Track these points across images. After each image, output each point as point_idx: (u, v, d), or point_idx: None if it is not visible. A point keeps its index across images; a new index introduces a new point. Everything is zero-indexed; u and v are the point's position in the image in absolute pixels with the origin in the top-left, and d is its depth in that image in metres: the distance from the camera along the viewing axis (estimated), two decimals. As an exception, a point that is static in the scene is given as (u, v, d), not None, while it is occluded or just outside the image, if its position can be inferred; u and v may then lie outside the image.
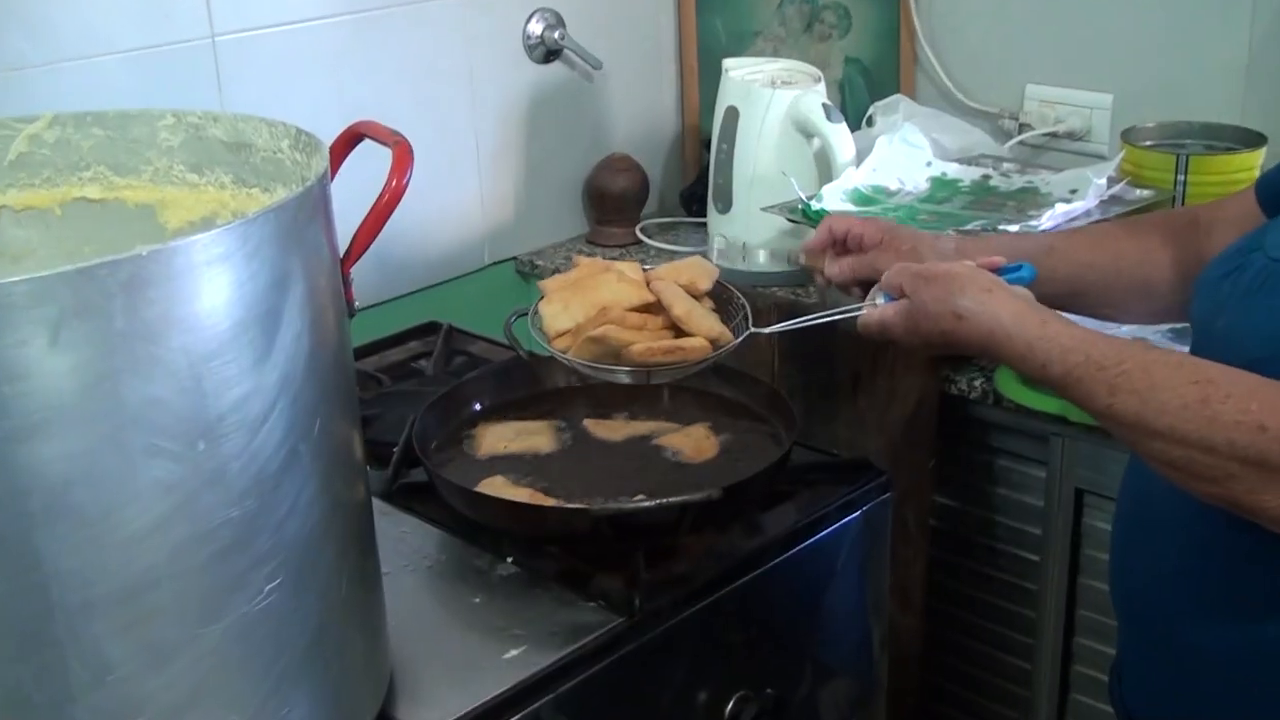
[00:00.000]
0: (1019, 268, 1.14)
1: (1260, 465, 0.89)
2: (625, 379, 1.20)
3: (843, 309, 1.18)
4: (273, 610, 0.87)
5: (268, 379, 0.84)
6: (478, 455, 1.33)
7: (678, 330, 1.21)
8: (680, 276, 1.26)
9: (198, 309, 0.80)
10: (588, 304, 1.22)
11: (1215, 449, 0.90)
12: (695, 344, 1.20)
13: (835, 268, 1.28)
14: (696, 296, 1.25)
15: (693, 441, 1.35)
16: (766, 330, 1.23)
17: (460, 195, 2.03)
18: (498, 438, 1.36)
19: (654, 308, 1.22)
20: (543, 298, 1.26)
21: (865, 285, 1.26)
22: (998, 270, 1.13)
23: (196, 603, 0.84)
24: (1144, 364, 0.95)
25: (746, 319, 1.25)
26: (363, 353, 1.73)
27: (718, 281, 1.30)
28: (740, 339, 1.23)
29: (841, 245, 1.29)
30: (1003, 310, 1.03)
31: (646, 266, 1.29)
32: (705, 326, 1.21)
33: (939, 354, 1.11)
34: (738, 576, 1.23)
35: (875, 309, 1.14)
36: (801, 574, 1.31)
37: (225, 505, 0.83)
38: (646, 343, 1.18)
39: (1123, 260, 1.23)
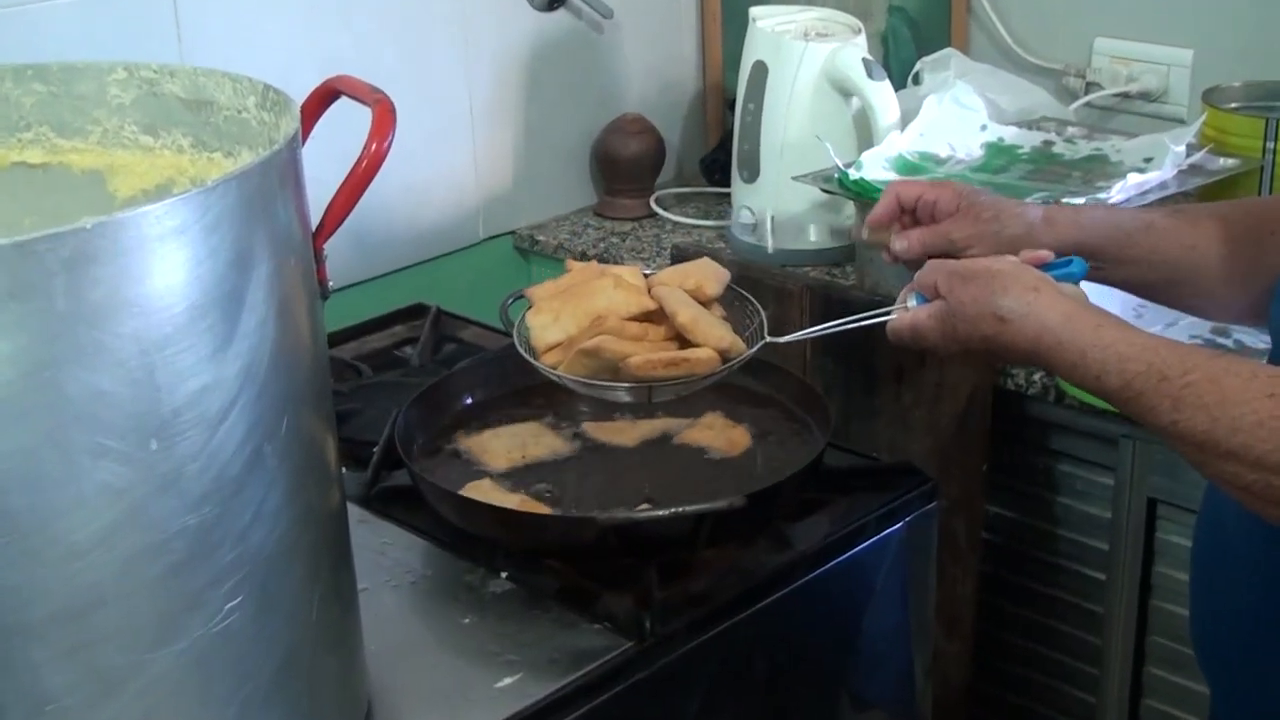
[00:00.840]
0: (1069, 263, 1.13)
1: None
2: (625, 397, 1.19)
3: (870, 314, 1.17)
4: (234, 633, 0.87)
5: (229, 370, 0.84)
6: (486, 469, 1.32)
7: (683, 341, 1.19)
8: (686, 281, 1.24)
9: (150, 290, 0.79)
10: (581, 313, 1.21)
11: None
12: (702, 355, 1.17)
13: (903, 242, 1.24)
14: (705, 303, 1.23)
15: (715, 434, 1.35)
16: (784, 339, 1.21)
17: (451, 161, 2.03)
18: (501, 451, 1.34)
19: (656, 316, 1.21)
20: (530, 308, 1.24)
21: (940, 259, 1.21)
22: (1045, 266, 1.11)
23: (148, 624, 0.84)
24: (1213, 375, 0.93)
25: (761, 327, 1.24)
26: (339, 339, 1.73)
27: (729, 286, 1.27)
28: (754, 349, 1.21)
29: (911, 215, 1.25)
30: (1050, 312, 1.01)
31: (647, 272, 1.27)
32: (714, 336, 1.19)
33: (980, 363, 1.08)
34: (763, 596, 1.23)
35: (907, 312, 1.12)
36: (835, 594, 1.31)
37: (180, 513, 0.83)
38: (646, 355, 1.16)
39: (1225, 246, 1.20)
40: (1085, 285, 1.14)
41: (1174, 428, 0.94)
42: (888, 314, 1.15)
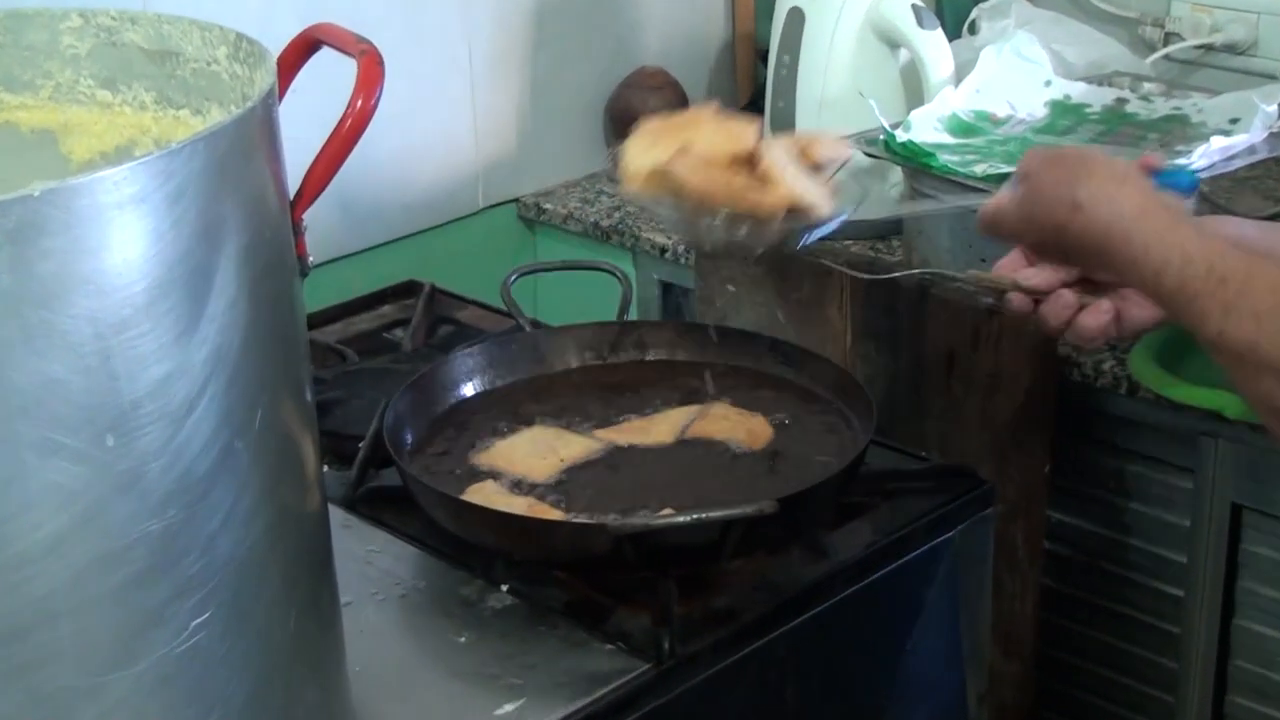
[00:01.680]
0: (1178, 173, 1.17)
1: None
2: (668, 211, 1.24)
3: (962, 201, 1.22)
4: (201, 652, 0.87)
5: (195, 356, 0.84)
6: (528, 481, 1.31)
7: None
8: (798, 142, 1.29)
9: (106, 265, 0.79)
10: (674, 143, 1.25)
11: None
12: (769, 197, 1.21)
13: (1034, 277, 1.22)
14: (811, 167, 1.26)
15: (731, 424, 1.35)
16: (870, 217, 1.29)
17: (447, 120, 2.03)
18: (535, 459, 1.33)
19: (748, 163, 1.24)
20: (632, 135, 1.29)
21: (1078, 287, 1.21)
22: (1155, 173, 1.15)
23: (103, 643, 0.84)
24: (1275, 284, 0.97)
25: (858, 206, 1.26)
26: (321, 320, 1.74)
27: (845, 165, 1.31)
28: (836, 220, 1.23)
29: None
30: (1127, 203, 1.05)
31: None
32: (794, 185, 1.21)
33: (1055, 259, 1.14)
34: (796, 613, 1.23)
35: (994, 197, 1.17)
36: (878, 610, 1.31)
37: (141, 518, 0.83)
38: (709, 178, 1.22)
39: None
40: None
41: (1220, 339, 0.98)
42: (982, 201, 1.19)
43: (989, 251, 1.65)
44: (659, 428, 1.38)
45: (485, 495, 1.27)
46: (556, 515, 1.24)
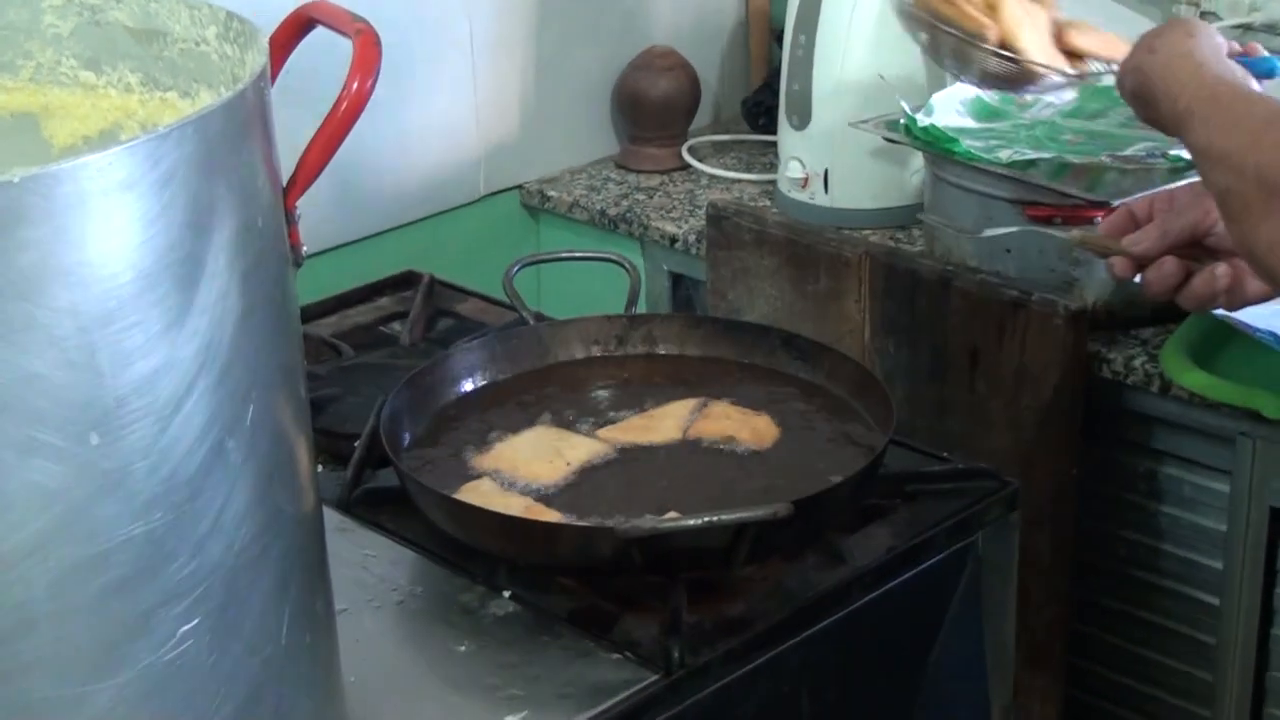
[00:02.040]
0: (1263, 60, 1.32)
1: (1270, 189, 1.07)
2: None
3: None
4: (188, 662, 0.87)
5: (184, 350, 0.84)
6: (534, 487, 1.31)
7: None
8: (1060, 22, 1.55)
9: (91, 255, 0.79)
10: None
11: (1244, 171, 1.09)
12: (980, 21, 1.52)
13: (1142, 242, 1.29)
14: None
15: (734, 424, 1.35)
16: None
17: (447, 103, 2.03)
18: (540, 463, 1.33)
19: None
20: None
21: (1185, 253, 1.28)
22: (1245, 61, 1.27)
23: (85, 651, 0.83)
24: (1253, 98, 1.14)
25: None
26: (315, 313, 1.74)
27: None
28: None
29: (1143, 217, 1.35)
30: (1184, 46, 1.21)
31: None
32: (1007, 19, 1.51)
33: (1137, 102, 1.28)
34: (812, 621, 1.23)
35: None
36: (898, 619, 1.31)
37: (126, 520, 0.83)
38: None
39: None
40: None
41: (1208, 143, 1.14)
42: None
43: (1013, 241, 1.66)
44: (664, 425, 1.38)
45: (482, 495, 1.27)
46: (557, 518, 1.24)
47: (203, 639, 0.87)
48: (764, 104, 2.20)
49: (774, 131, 2.04)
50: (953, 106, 1.77)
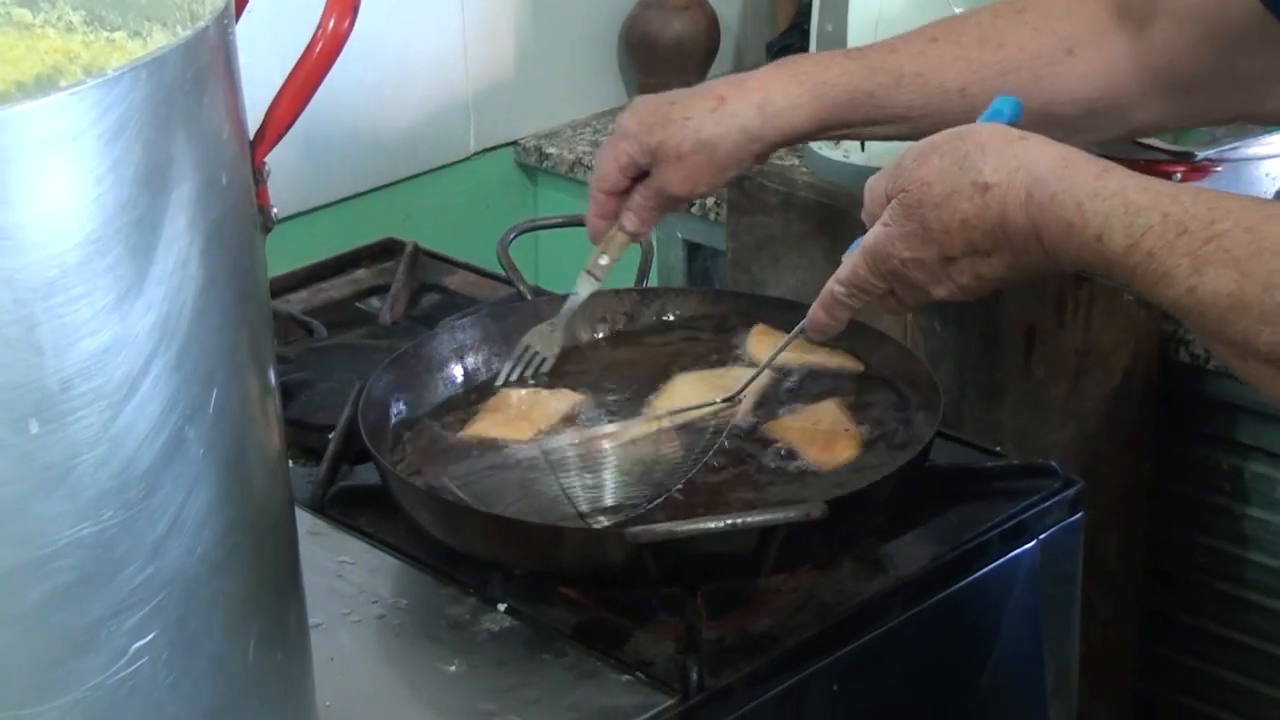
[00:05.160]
0: (996, 110, 1.19)
1: None
2: None
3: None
4: (142, 682, 0.87)
5: (138, 326, 0.84)
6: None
7: None
8: None
9: (28, 217, 0.79)
10: None
11: None
12: None
13: (630, 220, 1.43)
14: None
15: (812, 434, 1.34)
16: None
17: (433, 46, 2.03)
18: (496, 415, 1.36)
19: None
20: None
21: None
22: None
23: (21, 670, 0.83)
24: (1249, 223, 0.96)
25: None
26: (283, 287, 1.74)
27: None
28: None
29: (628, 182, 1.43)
30: (1042, 160, 1.04)
31: None
32: None
33: (954, 276, 1.13)
34: (847, 639, 1.23)
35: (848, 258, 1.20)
36: (945, 637, 1.31)
37: (71, 520, 0.83)
38: None
39: (1007, 79, 1.33)
40: None
41: (1191, 296, 0.97)
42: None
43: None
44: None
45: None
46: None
47: (159, 656, 0.87)
48: (792, 47, 2.19)
49: (804, 81, 2.03)
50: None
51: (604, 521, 1.24)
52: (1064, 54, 1.33)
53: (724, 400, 1.34)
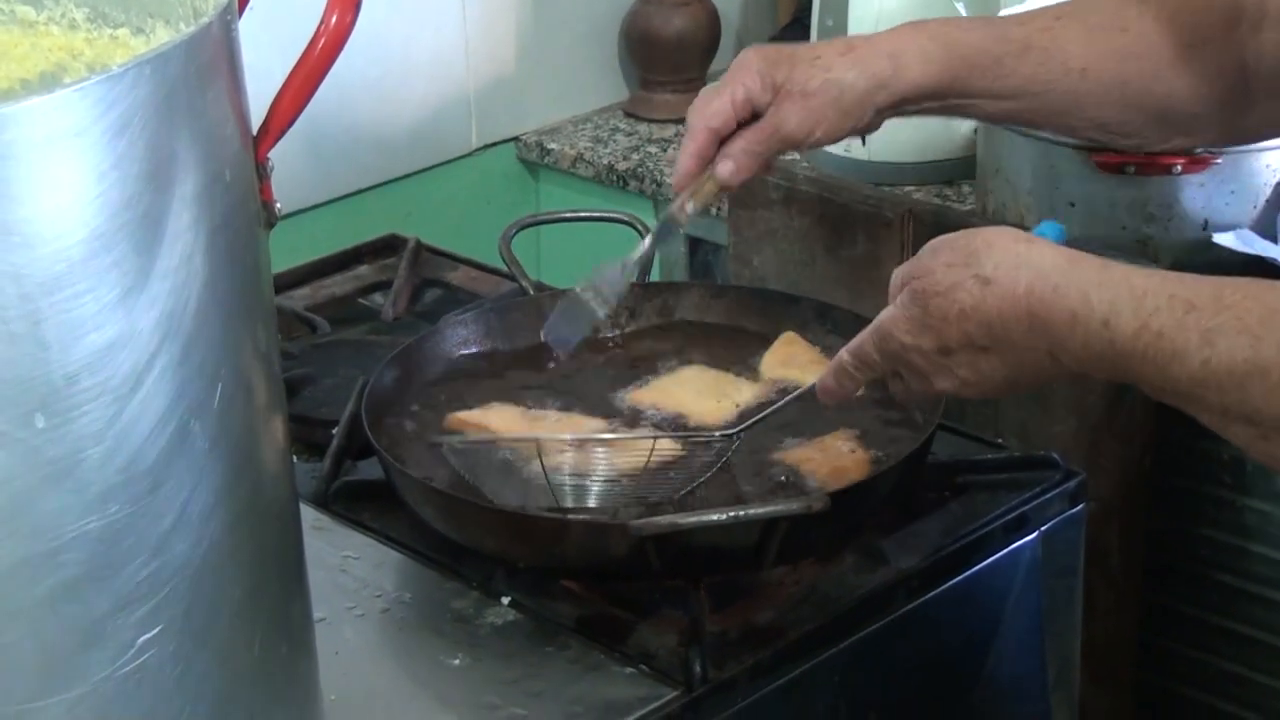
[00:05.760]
0: (1041, 234, 1.18)
1: None
2: None
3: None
4: (148, 676, 0.87)
5: (143, 321, 0.84)
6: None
7: None
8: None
9: (35, 212, 0.79)
10: None
11: None
12: None
13: (726, 164, 1.32)
14: None
15: (823, 459, 1.32)
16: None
17: (436, 42, 2.02)
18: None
19: None
20: None
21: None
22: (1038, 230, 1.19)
23: (31, 664, 0.83)
24: (1255, 292, 0.96)
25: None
26: (286, 283, 1.74)
27: None
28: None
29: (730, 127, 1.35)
30: (1045, 259, 1.05)
31: None
32: None
33: (952, 370, 1.12)
34: (850, 631, 1.23)
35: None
36: (946, 628, 1.31)
37: (77, 514, 0.83)
38: None
39: (1128, 66, 1.29)
40: None
41: (1205, 369, 0.96)
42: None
43: (1078, 195, 1.66)
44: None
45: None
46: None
47: (165, 650, 0.87)
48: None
49: (805, 75, 2.03)
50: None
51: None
52: (1184, 48, 1.31)
53: (722, 435, 1.30)
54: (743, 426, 1.30)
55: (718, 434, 1.30)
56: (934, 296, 1.08)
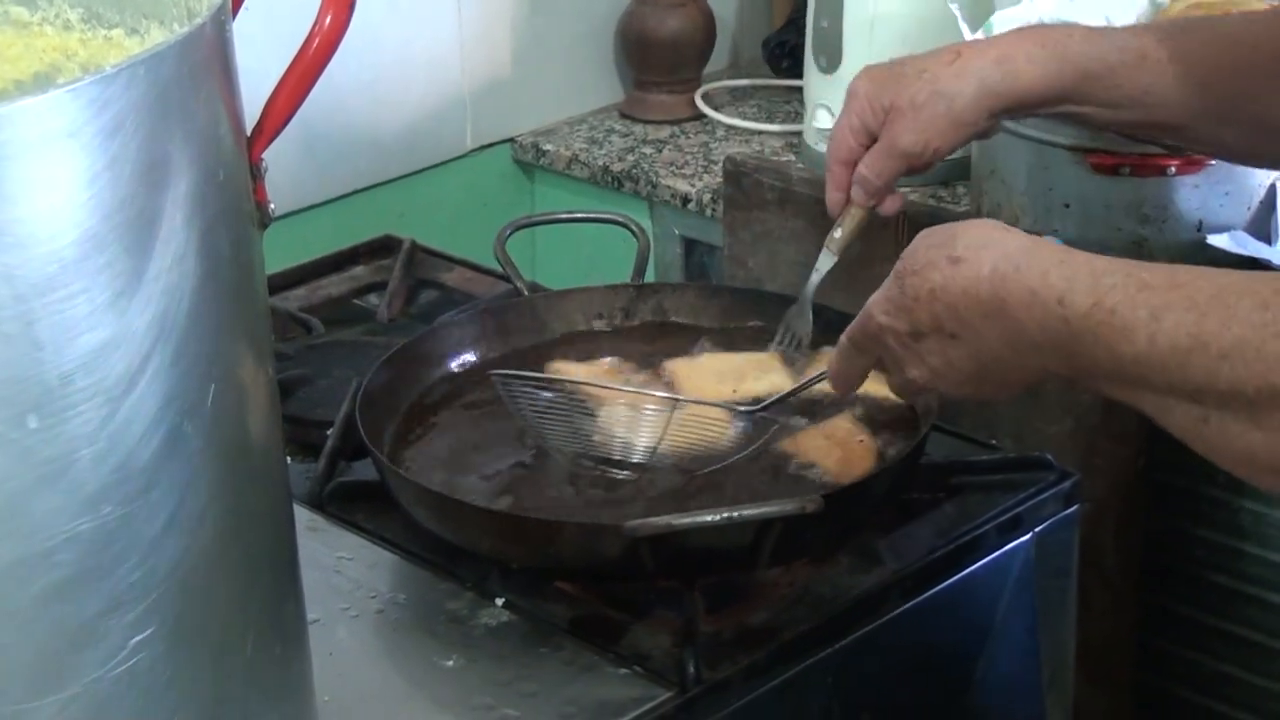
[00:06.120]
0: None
1: None
2: None
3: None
4: (140, 677, 0.87)
5: (136, 322, 0.84)
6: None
7: None
8: None
9: (27, 213, 0.79)
10: None
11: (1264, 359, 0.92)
12: None
13: (857, 190, 1.41)
14: None
15: (827, 449, 1.33)
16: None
17: (430, 43, 2.02)
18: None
19: None
20: None
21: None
22: None
23: (21, 665, 0.83)
24: (1210, 276, 0.97)
25: None
26: (281, 284, 1.74)
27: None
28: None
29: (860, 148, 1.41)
30: (1012, 242, 1.07)
31: None
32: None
33: (923, 356, 1.13)
34: (844, 632, 1.23)
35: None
36: (940, 629, 1.31)
37: (69, 515, 0.83)
38: None
39: (1245, 81, 1.29)
40: None
41: (1151, 346, 0.96)
42: None
43: (1073, 196, 1.65)
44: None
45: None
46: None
47: (157, 651, 0.87)
48: (788, 44, 2.20)
49: (799, 75, 2.04)
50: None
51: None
52: None
53: (745, 409, 1.33)
54: (767, 403, 1.34)
55: (741, 408, 1.34)
56: (910, 275, 1.10)
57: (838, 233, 1.43)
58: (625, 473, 1.29)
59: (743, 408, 1.34)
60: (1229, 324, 0.93)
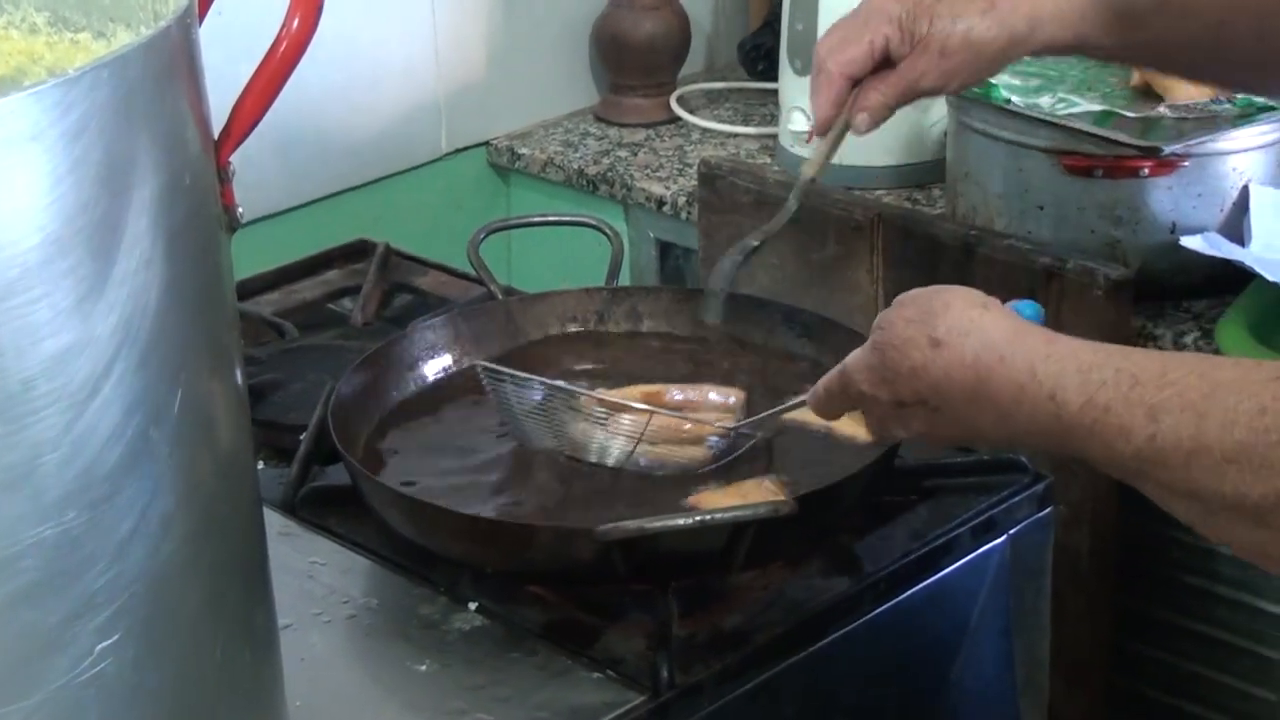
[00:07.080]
0: (1020, 305, 1.17)
1: None
2: None
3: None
4: (108, 683, 0.87)
5: (101, 326, 0.83)
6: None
7: None
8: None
9: (-10, 217, 0.78)
10: None
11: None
12: None
13: (861, 115, 1.38)
14: None
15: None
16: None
17: (404, 45, 2.02)
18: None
19: None
20: None
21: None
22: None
23: (-11, 672, 0.83)
24: (1201, 370, 0.96)
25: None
26: (255, 288, 1.74)
27: None
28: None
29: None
30: (995, 329, 1.06)
31: None
32: None
33: (907, 421, 1.13)
34: (818, 635, 1.23)
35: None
36: (915, 632, 1.31)
37: (33, 520, 0.82)
38: None
39: (1268, 21, 1.29)
40: None
41: (1151, 445, 0.95)
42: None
43: (1047, 198, 1.66)
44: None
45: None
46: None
47: (125, 657, 0.87)
48: (763, 47, 2.20)
49: (774, 78, 2.04)
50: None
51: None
52: None
53: (721, 426, 1.32)
54: (745, 422, 1.32)
55: (717, 423, 1.32)
56: (890, 349, 1.08)
57: (824, 150, 1.43)
58: (599, 475, 1.29)
59: (719, 424, 1.33)
60: (1230, 429, 0.92)
